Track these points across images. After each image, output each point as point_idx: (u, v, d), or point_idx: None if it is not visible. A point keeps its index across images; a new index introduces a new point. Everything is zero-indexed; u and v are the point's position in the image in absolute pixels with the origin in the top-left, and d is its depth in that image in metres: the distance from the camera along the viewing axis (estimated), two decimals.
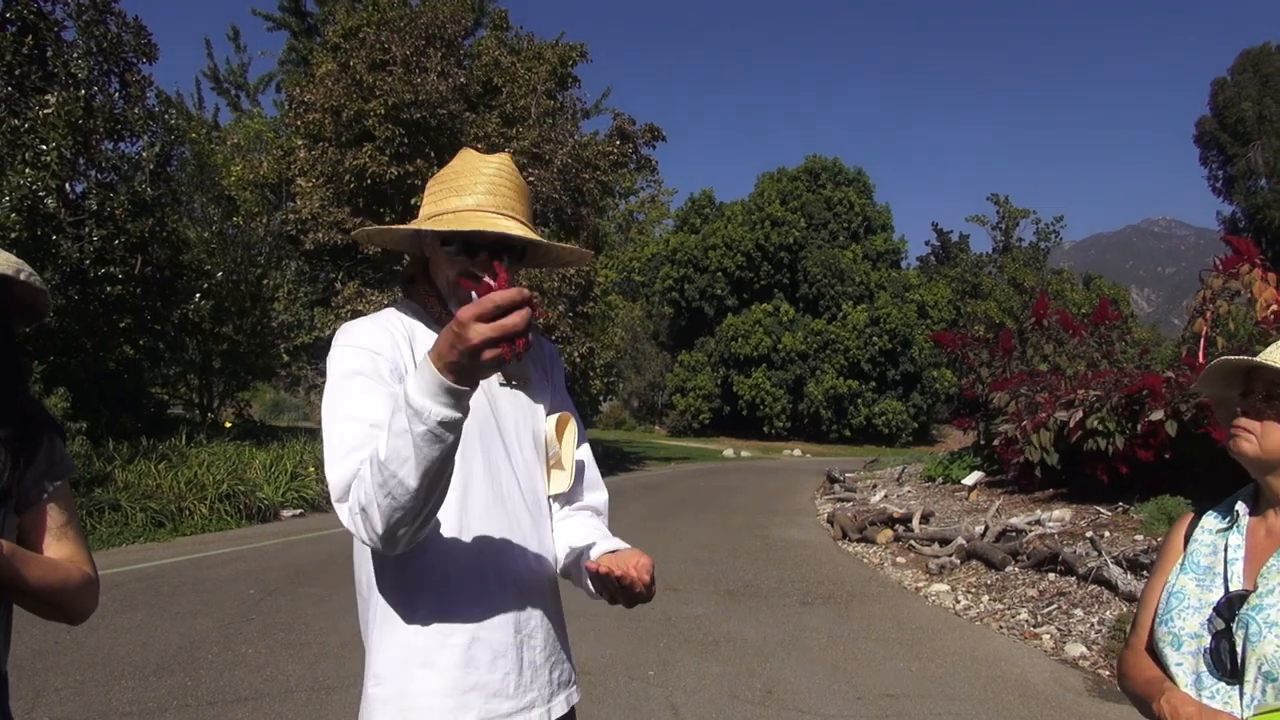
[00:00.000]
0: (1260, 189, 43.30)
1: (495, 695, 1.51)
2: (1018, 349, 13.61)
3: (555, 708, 1.60)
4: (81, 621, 1.41)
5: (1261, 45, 44.66)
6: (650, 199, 51.33)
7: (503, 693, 1.52)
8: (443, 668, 1.48)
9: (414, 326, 1.61)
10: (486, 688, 1.50)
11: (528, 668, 1.56)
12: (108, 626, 5.90)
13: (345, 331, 1.56)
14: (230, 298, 17.42)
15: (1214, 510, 1.63)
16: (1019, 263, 50.45)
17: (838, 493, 15.50)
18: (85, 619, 1.41)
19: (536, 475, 1.66)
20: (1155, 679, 1.53)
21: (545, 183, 18.54)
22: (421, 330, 1.61)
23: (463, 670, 1.49)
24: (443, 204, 1.59)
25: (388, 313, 1.63)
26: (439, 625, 1.49)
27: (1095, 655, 5.46)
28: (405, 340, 1.57)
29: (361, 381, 1.48)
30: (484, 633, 1.51)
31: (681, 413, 44.01)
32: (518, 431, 1.63)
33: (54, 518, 1.37)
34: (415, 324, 1.61)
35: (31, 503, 1.34)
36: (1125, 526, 8.02)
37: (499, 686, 1.51)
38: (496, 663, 1.52)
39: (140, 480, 11.06)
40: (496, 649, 1.52)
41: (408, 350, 1.55)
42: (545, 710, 1.58)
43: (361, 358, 1.50)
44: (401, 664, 1.49)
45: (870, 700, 4.70)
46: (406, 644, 1.50)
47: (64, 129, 12.40)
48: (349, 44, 18.69)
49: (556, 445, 1.67)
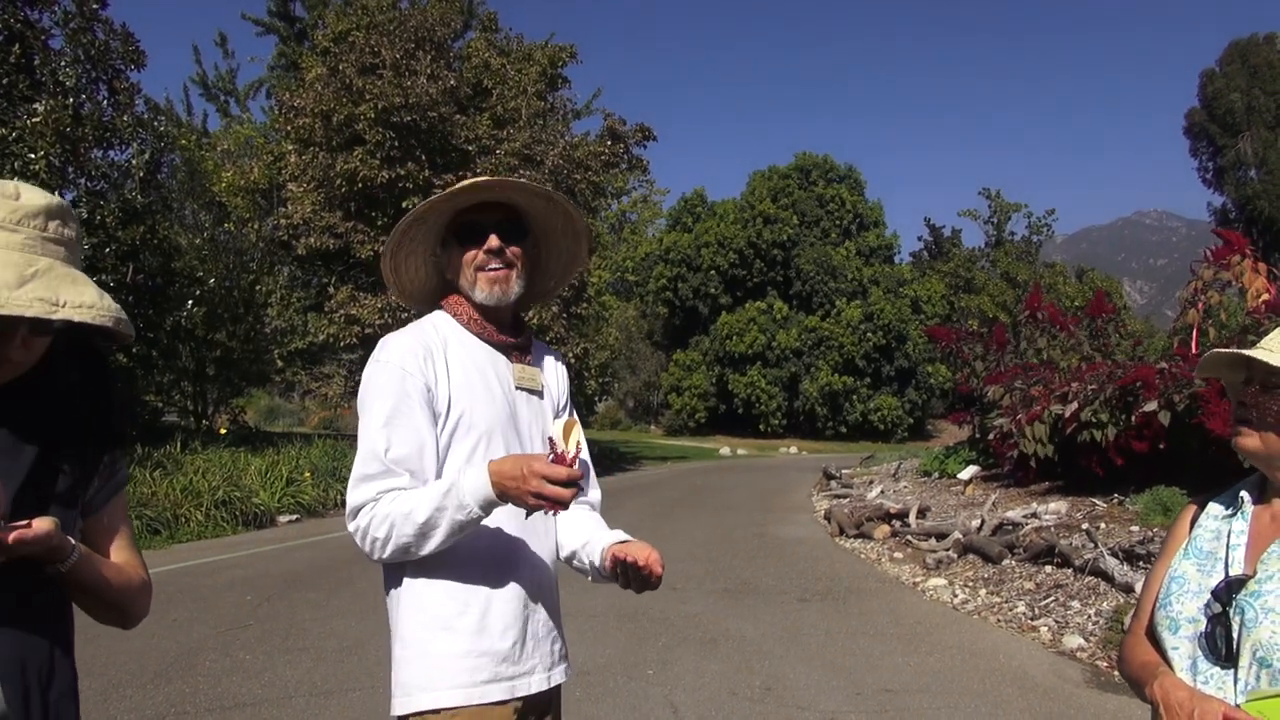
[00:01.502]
0: (1250, 180, 43.47)
1: (505, 660, 1.69)
2: (1011, 343, 13.64)
3: (555, 676, 1.79)
4: (135, 625, 1.50)
5: (1250, 36, 44.86)
6: (642, 199, 51.38)
7: (511, 658, 1.70)
8: (461, 633, 1.67)
9: (449, 335, 1.78)
10: (498, 653, 1.69)
11: (530, 638, 1.74)
12: (104, 635, 5.86)
13: (383, 346, 1.74)
14: (223, 304, 17.38)
15: (1219, 498, 1.63)
16: (1011, 257, 50.56)
17: (834, 489, 15.52)
18: (139, 622, 1.50)
19: None
20: (1150, 663, 1.52)
21: (537, 184, 18.52)
22: (455, 338, 1.78)
23: (478, 636, 1.68)
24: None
25: (429, 320, 1.82)
26: (458, 596, 1.68)
27: (1093, 647, 5.47)
28: (440, 349, 1.74)
29: (387, 410, 1.67)
30: (496, 604, 1.70)
31: (677, 412, 44.01)
32: (531, 432, 1.82)
33: (114, 524, 1.44)
34: (450, 332, 1.78)
35: (96, 509, 1.40)
36: (1121, 518, 8.04)
37: (508, 653, 1.70)
38: (507, 632, 1.70)
39: (135, 488, 11.01)
40: (507, 620, 1.70)
41: (441, 359, 1.73)
42: (546, 677, 1.76)
43: (393, 379, 1.69)
44: (425, 628, 1.68)
45: (869, 695, 4.71)
46: (429, 611, 1.68)
47: (52, 137, 12.35)
48: (338, 48, 18.66)
49: (563, 445, 1.77)
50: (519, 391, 1.81)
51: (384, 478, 1.64)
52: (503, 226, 1.76)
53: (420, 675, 1.66)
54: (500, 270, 1.75)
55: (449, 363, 1.73)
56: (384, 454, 1.64)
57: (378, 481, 1.64)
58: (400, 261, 1.83)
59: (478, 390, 1.73)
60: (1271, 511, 1.53)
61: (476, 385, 1.74)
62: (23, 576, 1.23)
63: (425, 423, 1.67)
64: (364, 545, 1.65)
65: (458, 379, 1.72)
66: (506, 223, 1.77)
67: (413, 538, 1.60)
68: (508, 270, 1.76)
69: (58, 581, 1.29)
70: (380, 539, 1.62)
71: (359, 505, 1.64)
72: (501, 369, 1.79)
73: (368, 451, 1.66)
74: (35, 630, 1.28)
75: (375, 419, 1.67)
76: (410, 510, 1.60)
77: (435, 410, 1.69)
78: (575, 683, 4.81)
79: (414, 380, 1.68)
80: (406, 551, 1.62)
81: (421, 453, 1.66)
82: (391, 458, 1.64)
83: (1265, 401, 1.48)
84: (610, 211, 43.74)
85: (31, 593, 1.27)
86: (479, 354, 1.78)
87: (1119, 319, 14.06)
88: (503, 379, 1.78)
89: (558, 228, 1.87)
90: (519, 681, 1.71)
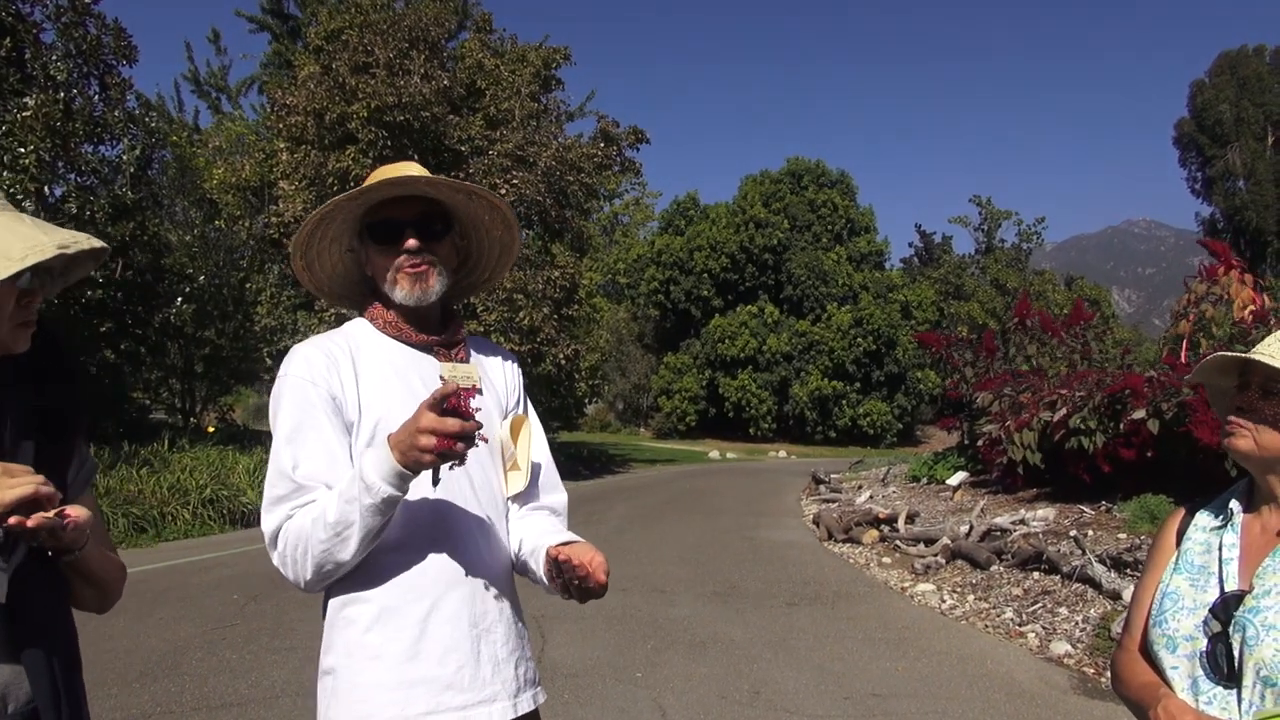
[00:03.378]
0: (1238, 190, 43.79)
1: (448, 688, 1.54)
2: (1001, 349, 13.69)
3: (522, 703, 1.62)
4: (108, 610, 1.51)
5: (1239, 48, 45.24)
6: (635, 201, 51.44)
7: (456, 685, 1.54)
8: (389, 661, 1.53)
9: (361, 341, 1.67)
10: (437, 680, 1.53)
11: (488, 662, 1.58)
12: (89, 633, 5.83)
13: (288, 359, 1.63)
14: (212, 302, 17.30)
15: (1206, 507, 1.60)
16: (1001, 264, 50.84)
17: (823, 494, 15.54)
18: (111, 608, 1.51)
19: (493, 477, 1.69)
20: (1151, 684, 1.49)
21: (529, 185, 18.52)
22: (369, 343, 1.67)
23: (409, 663, 1.53)
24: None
25: (343, 328, 1.71)
26: (387, 621, 1.54)
27: (1080, 653, 5.49)
28: (347, 355, 1.63)
29: (291, 425, 1.56)
30: (433, 627, 1.55)
31: (667, 415, 44.03)
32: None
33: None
34: (364, 338, 1.67)
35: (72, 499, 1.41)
36: (1108, 525, 8.07)
37: (452, 679, 1.54)
38: (448, 656, 1.55)
39: (122, 486, 10.96)
40: (447, 643, 1.55)
41: (348, 366, 1.62)
42: (511, 704, 1.60)
43: (295, 392, 1.58)
44: (351, 657, 1.54)
45: (857, 700, 4.71)
46: (356, 639, 1.54)
47: (42, 132, 12.28)
48: (332, 46, 18.63)
49: (512, 447, 1.70)
50: None
51: (296, 496, 1.52)
52: (421, 223, 1.64)
53: (345, 710, 1.53)
54: (420, 269, 1.63)
55: (359, 369, 1.61)
56: (292, 471, 1.53)
57: (289, 501, 1.53)
58: (313, 259, 1.72)
59: (396, 394, 1.60)
60: (1262, 522, 1.51)
61: (395, 389, 1.61)
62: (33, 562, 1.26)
63: (334, 432, 1.56)
64: (288, 573, 1.53)
65: (370, 384, 1.61)
66: (424, 218, 1.64)
67: (330, 542, 1.46)
68: (428, 269, 1.63)
69: (64, 567, 1.32)
70: (299, 557, 1.50)
71: (274, 532, 1.53)
72: (427, 370, 1.65)
73: (275, 471, 1.55)
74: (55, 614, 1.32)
75: (280, 436, 1.57)
76: (320, 513, 1.48)
77: (346, 419, 1.58)
78: (564, 685, 4.80)
79: (318, 390, 1.57)
80: (330, 561, 1.48)
81: (332, 464, 1.54)
82: (300, 475, 1.53)
83: (1262, 406, 1.47)
84: (602, 214, 43.78)
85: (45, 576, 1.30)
86: (398, 357, 1.66)
87: (1102, 325, 14.14)
88: (428, 380, 1.62)
89: (485, 219, 1.74)
90: (473, 711, 1.55)
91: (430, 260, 1.64)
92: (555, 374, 19.87)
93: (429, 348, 1.69)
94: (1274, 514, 1.50)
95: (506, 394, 1.79)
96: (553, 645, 5.61)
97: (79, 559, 1.32)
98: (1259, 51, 44.75)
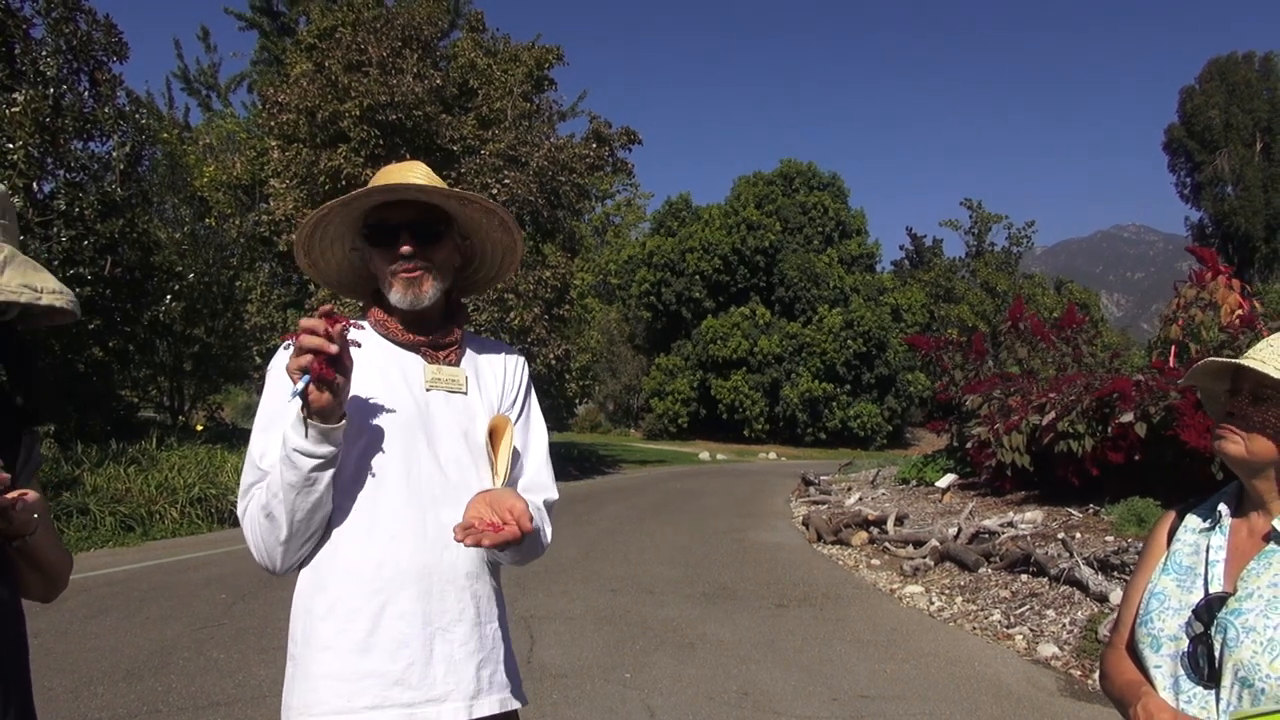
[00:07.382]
0: (1227, 196, 44.05)
1: (397, 684, 1.54)
2: (990, 352, 13.75)
3: (479, 706, 1.60)
4: (54, 599, 1.53)
5: (1229, 54, 45.49)
6: (627, 202, 51.45)
7: (405, 682, 1.55)
8: (340, 652, 1.55)
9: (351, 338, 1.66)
10: (386, 675, 1.54)
11: (441, 661, 1.58)
12: (77, 632, 5.82)
13: (277, 354, 1.67)
14: (202, 299, 17.22)
15: (1197, 510, 1.62)
16: (991, 267, 50.99)
17: (813, 495, 15.57)
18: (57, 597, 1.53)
19: (470, 475, 1.67)
20: (1134, 682, 1.52)
21: (521, 185, 18.50)
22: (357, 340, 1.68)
23: (359, 656, 1.54)
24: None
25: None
26: (341, 613, 1.56)
27: (1067, 655, 5.51)
28: None
29: (265, 416, 1.63)
30: (386, 622, 1.55)
31: (658, 416, 44.00)
32: (449, 433, 1.68)
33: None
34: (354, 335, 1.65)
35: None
36: (1096, 528, 8.11)
37: (400, 675, 1.55)
38: (399, 652, 1.55)
39: (110, 484, 10.90)
40: (399, 639, 1.55)
41: None
42: (465, 705, 1.58)
43: (273, 385, 1.65)
44: (308, 646, 1.57)
45: (845, 701, 4.73)
46: (313, 629, 1.58)
47: (31, 127, 12.22)
48: (324, 44, 18.57)
49: (491, 453, 1.69)
50: (429, 393, 1.69)
51: (261, 483, 1.58)
52: (417, 226, 1.66)
53: (298, 698, 1.57)
54: (414, 274, 1.66)
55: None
56: (259, 460, 1.59)
57: (255, 488, 1.60)
58: (316, 258, 1.77)
59: (375, 390, 1.63)
60: (1249, 525, 1.53)
61: (375, 385, 1.63)
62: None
63: None
64: (258, 556, 1.59)
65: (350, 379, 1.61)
66: (422, 221, 1.67)
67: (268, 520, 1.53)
68: (422, 274, 1.66)
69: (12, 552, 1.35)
70: (261, 534, 1.56)
71: (241, 517, 1.60)
72: (410, 368, 1.68)
73: (248, 460, 1.62)
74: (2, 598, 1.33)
75: (256, 426, 1.63)
76: (268, 483, 1.55)
77: None
78: (552, 686, 4.80)
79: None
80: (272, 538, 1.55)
81: None
82: (267, 463, 1.58)
83: (1253, 412, 1.49)
84: (595, 214, 43.77)
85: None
86: (380, 355, 1.68)
87: (1092, 329, 14.21)
88: (411, 378, 1.67)
89: (482, 223, 1.76)
90: (422, 709, 1.55)
91: (425, 266, 1.67)
92: (546, 374, 19.85)
93: (416, 348, 1.71)
94: (1261, 518, 1.52)
95: (501, 394, 1.78)
96: (541, 646, 5.61)
97: (27, 545, 1.34)
98: (1248, 58, 45.01)
